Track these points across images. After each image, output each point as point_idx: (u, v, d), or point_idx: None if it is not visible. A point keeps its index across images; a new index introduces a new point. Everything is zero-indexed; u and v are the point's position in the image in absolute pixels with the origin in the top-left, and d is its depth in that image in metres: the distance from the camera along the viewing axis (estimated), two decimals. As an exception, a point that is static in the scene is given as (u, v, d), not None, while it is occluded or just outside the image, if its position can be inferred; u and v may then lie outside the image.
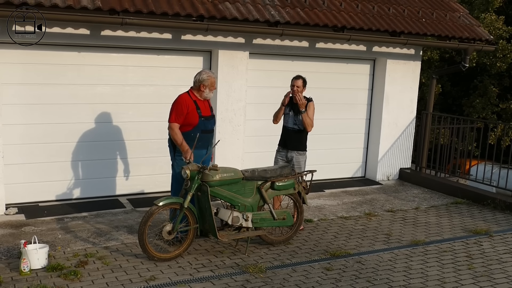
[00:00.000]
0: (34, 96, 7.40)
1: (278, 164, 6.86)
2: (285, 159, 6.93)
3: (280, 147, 7.04)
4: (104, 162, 7.99)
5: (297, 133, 6.87)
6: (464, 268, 5.98)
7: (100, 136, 7.89)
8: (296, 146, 6.88)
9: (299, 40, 8.81)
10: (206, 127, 6.26)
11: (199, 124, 6.17)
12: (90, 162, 7.89)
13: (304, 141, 6.94)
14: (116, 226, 6.87)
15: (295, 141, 6.88)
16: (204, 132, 6.20)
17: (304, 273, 5.66)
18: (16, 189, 7.44)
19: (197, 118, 6.15)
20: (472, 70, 14.13)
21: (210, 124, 6.37)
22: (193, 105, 6.16)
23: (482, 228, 7.42)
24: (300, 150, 6.91)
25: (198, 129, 6.13)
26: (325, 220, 7.54)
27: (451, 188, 9.30)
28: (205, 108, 6.29)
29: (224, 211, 6.04)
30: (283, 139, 7.01)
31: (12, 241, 6.17)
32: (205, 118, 6.25)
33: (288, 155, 6.90)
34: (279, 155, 7.02)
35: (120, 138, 8.03)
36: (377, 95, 10.00)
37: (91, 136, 7.83)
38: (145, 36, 7.68)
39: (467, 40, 9.73)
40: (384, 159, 10.08)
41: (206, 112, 6.29)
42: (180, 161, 6.20)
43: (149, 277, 5.36)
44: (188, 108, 6.11)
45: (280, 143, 7.06)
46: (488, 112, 13.93)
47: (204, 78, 6.18)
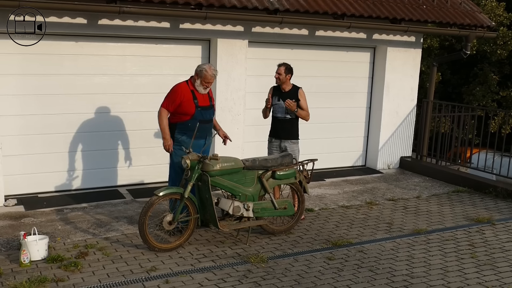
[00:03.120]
0: (32, 86, 7.33)
1: (279, 153, 6.80)
2: (279, 149, 6.88)
3: (272, 138, 6.96)
4: (103, 152, 7.94)
5: (289, 122, 6.83)
6: (467, 256, 5.95)
7: (98, 126, 7.83)
8: (288, 135, 6.84)
9: (299, 28, 8.73)
10: (204, 117, 6.20)
11: (196, 114, 6.12)
12: (89, 152, 7.83)
13: (296, 130, 6.91)
14: (116, 216, 6.83)
15: (288, 130, 6.84)
16: (202, 122, 6.13)
17: (306, 262, 5.63)
18: (15, 180, 7.39)
19: (194, 108, 6.10)
20: (472, 58, 14.03)
21: (208, 114, 6.30)
22: (189, 94, 6.12)
23: (484, 216, 7.39)
24: (294, 139, 6.88)
25: (195, 119, 6.09)
26: (326, 209, 7.50)
27: (452, 177, 9.26)
28: (202, 98, 6.21)
29: (225, 201, 5.99)
30: (274, 129, 6.94)
31: (12, 232, 6.13)
32: (202, 108, 6.18)
33: (282, 145, 6.86)
34: (272, 146, 6.95)
35: (119, 128, 7.97)
36: (378, 83, 9.94)
37: (90, 127, 7.77)
38: (143, 25, 7.60)
39: (468, 26, 9.65)
40: (384, 147, 10.04)
41: (204, 102, 6.22)
42: (178, 150, 6.17)
43: (150, 268, 5.33)
44: (184, 97, 6.07)
45: (271, 133, 6.98)
46: (488, 100, 13.85)
47: (201, 69, 6.13)
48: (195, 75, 6.17)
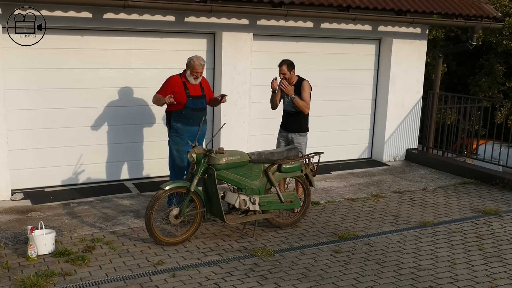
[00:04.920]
0: (38, 80, 7.34)
1: (284, 147, 6.80)
2: (286, 140, 7.02)
3: (281, 129, 7.14)
4: (109, 146, 7.95)
5: (295, 115, 6.93)
6: (474, 249, 5.94)
7: (104, 120, 7.83)
8: (295, 128, 6.96)
9: (304, 20, 8.69)
10: (196, 106, 6.62)
11: (188, 103, 6.55)
12: (95, 146, 7.84)
13: (303, 123, 6.98)
14: (123, 210, 6.85)
15: (294, 123, 6.96)
16: (195, 110, 6.59)
17: (312, 256, 5.63)
18: (21, 175, 7.41)
19: (185, 98, 6.52)
20: (477, 49, 13.93)
21: (201, 102, 6.69)
22: (181, 85, 6.56)
23: (492, 208, 7.36)
24: (300, 132, 6.95)
25: (188, 107, 6.55)
26: (332, 202, 7.49)
27: (458, 168, 9.23)
28: (194, 88, 6.63)
29: (231, 194, 5.99)
30: (283, 121, 7.12)
31: (19, 226, 6.16)
32: (194, 98, 6.59)
33: (289, 136, 6.99)
34: (280, 137, 7.13)
35: (124, 122, 7.97)
36: (383, 75, 9.89)
37: (96, 121, 7.77)
38: (148, 18, 7.58)
39: (474, 17, 9.58)
40: (390, 140, 10.00)
41: (196, 92, 6.64)
42: (175, 137, 6.64)
43: (157, 262, 5.34)
44: (175, 88, 6.53)
45: (281, 125, 7.16)
46: (495, 91, 13.76)
47: (189, 60, 6.57)
48: (186, 67, 6.60)
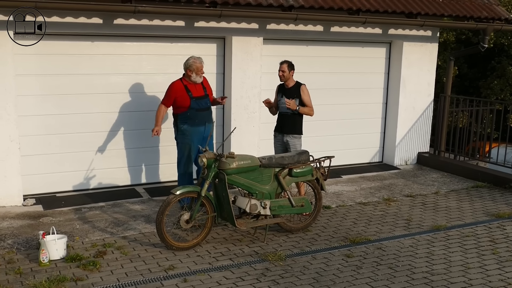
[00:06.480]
0: (49, 86, 7.37)
1: (295, 150, 6.78)
2: (282, 143, 7.06)
3: (276, 133, 7.18)
4: (120, 151, 7.97)
5: (291, 117, 6.98)
6: (488, 253, 5.87)
7: (115, 125, 7.85)
8: (291, 130, 7.01)
9: (314, 24, 8.67)
10: (200, 106, 6.81)
11: (192, 104, 6.75)
12: (106, 151, 7.86)
13: (298, 125, 7.03)
14: (134, 215, 6.85)
15: (290, 125, 7.00)
16: (199, 110, 6.79)
17: (324, 260, 5.60)
18: (33, 180, 7.44)
19: (188, 100, 6.73)
20: (489, 51, 13.86)
21: (204, 102, 6.87)
22: (183, 89, 6.76)
23: (505, 211, 7.29)
24: (295, 134, 7.00)
25: (192, 108, 6.74)
26: (344, 206, 7.46)
27: (471, 172, 9.15)
28: (196, 90, 6.81)
29: (242, 199, 5.98)
30: (278, 124, 7.16)
31: (31, 232, 6.18)
32: (197, 98, 6.78)
33: (284, 139, 7.03)
34: (277, 141, 7.17)
35: (135, 127, 7.99)
36: (394, 78, 9.84)
37: (107, 126, 7.80)
38: (158, 24, 7.60)
39: (486, 19, 9.51)
40: (401, 143, 9.95)
41: (198, 93, 6.82)
42: (183, 138, 6.83)
43: (168, 267, 5.33)
44: (177, 93, 6.74)
45: (275, 128, 7.19)
46: (507, 94, 13.69)
47: (190, 64, 6.74)
48: (188, 70, 6.76)
